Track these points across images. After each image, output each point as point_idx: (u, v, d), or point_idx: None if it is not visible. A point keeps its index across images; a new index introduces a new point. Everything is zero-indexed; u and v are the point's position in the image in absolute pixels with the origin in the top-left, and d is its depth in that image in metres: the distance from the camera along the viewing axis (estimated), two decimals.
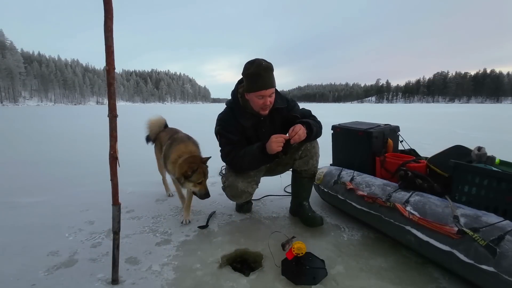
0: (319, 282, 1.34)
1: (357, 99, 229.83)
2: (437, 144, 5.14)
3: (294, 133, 1.63)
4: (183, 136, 2.20)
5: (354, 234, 1.84)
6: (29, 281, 1.37)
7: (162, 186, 2.69)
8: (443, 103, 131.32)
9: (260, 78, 1.68)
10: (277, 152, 1.65)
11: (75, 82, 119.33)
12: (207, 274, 1.43)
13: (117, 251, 1.35)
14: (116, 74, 1.39)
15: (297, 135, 1.62)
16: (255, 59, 1.72)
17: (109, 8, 1.15)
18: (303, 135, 1.65)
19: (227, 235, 1.83)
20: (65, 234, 1.85)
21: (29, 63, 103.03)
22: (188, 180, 1.84)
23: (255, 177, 1.96)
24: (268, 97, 1.73)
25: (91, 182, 3.03)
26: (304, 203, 2.01)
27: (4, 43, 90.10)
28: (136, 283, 1.36)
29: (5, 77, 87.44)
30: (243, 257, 1.64)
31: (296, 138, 1.63)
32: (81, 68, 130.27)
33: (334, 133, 2.40)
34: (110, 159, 1.26)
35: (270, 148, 1.64)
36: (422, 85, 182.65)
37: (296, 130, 1.63)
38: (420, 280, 1.37)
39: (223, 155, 1.88)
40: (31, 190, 2.78)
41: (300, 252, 1.38)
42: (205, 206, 2.33)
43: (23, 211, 2.25)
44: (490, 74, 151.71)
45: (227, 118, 1.88)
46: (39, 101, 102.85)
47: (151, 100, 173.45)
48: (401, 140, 2.30)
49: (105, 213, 1.99)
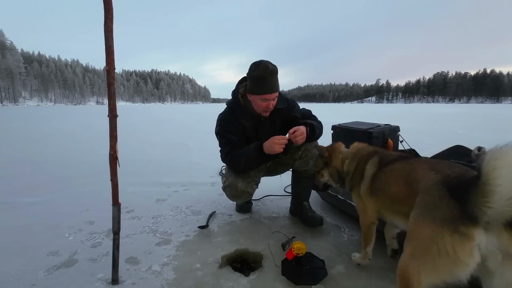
0: (319, 282, 1.34)
1: (357, 99, 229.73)
2: (437, 144, 5.14)
3: (294, 136, 1.64)
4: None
5: (354, 234, 1.83)
6: (29, 281, 1.37)
7: (162, 186, 2.68)
8: (443, 103, 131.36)
9: (265, 81, 1.68)
10: (276, 154, 1.66)
11: (75, 82, 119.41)
12: (207, 274, 1.43)
13: (117, 251, 1.35)
14: (116, 74, 1.39)
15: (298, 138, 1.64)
16: (261, 60, 1.72)
17: (109, 8, 1.15)
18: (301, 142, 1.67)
19: (227, 235, 1.83)
20: (65, 234, 1.85)
21: (29, 63, 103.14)
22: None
23: (255, 177, 1.96)
24: (271, 100, 1.74)
25: (91, 182, 3.03)
26: (304, 203, 2.01)
27: (4, 43, 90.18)
28: (136, 283, 1.36)
29: (5, 77, 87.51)
30: (243, 257, 1.64)
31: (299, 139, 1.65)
32: (81, 68, 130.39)
33: (334, 133, 2.41)
34: (110, 159, 1.26)
35: (272, 149, 1.65)
36: (422, 85, 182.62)
37: (297, 135, 1.64)
38: None
39: (223, 155, 1.88)
40: (31, 190, 2.78)
41: (300, 252, 1.38)
42: (205, 206, 2.33)
43: (23, 211, 2.25)
44: (490, 74, 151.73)
45: (227, 118, 1.88)
46: (39, 101, 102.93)
47: (151, 100, 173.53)
48: (401, 140, 2.31)
49: (105, 213, 1.99)
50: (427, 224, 0.92)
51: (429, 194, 0.97)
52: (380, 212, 1.31)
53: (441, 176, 0.99)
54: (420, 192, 1.01)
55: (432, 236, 0.89)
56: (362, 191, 1.35)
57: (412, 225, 0.99)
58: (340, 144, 1.61)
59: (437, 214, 0.90)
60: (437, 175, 1.00)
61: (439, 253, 0.86)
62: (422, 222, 0.94)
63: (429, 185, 0.99)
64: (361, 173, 1.38)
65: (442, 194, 0.92)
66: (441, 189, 0.94)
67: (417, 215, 0.98)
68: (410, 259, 0.95)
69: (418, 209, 0.98)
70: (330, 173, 1.57)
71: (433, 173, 1.02)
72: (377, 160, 1.35)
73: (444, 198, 0.91)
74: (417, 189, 1.04)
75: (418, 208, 0.99)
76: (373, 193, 1.30)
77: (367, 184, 1.33)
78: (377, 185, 1.28)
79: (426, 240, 0.90)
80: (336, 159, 1.54)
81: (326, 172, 1.59)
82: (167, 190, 2.75)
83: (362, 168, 1.39)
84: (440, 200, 0.92)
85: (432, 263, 0.88)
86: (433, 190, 0.96)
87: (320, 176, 1.63)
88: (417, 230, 0.96)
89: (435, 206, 0.93)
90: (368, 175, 1.34)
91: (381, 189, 1.26)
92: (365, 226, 1.39)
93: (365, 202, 1.35)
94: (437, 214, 0.90)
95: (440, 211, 0.90)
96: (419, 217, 0.97)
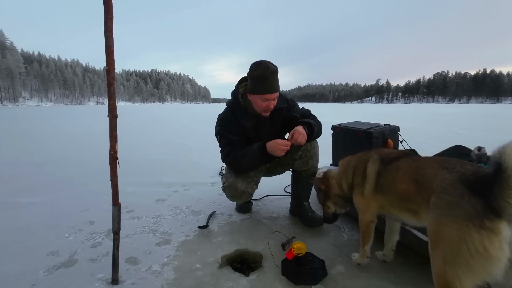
0: (319, 282, 1.34)
1: (357, 99, 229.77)
2: (437, 144, 5.14)
3: (294, 140, 1.66)
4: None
5: (354, 234, 1.83)
6: (29, 281, 1.37)
7: (162, 186, 2.68)
8: (443, 103, 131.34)
9: (266, 81, 1.68)
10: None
11: (75, 82, 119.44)
12: (207, 274, 1.43)
13: (117, 251, 1.35)
14: (116, 74, 1.39)
15: (298, 139, 1.65)
16: (262, 60, 1.72)
17: (109, 8, 1.15)
18: (303, 141, 1.68)
19: (227, 235, 1.83)
20: (65, 234, 1.85)
21: (29, 63, 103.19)
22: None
23: (255, 178, 1.96)
24: (272, 100, 1.74)
25: (91, 182, 3.03)
26: (304, 203, 2.01)
27: (4, 43, 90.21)
28: (136, 283, 1.36)
29: (5, 77, 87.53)
30: (243, 257, 1.64)
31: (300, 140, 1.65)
32: (81, 68, 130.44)
33: (334, 133, 2.40)
34: (110, 159, 1.26)
35: (274, 153, 1.67)
36: (422, 85, 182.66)
37: (296, 136, 1.65)
38: (420, 280, 1.36)
39: (223, 155, 1.88)
40: (31, 190, 2.78)
41: (300, 252, 1.38)
42: (205, 206, 2.33)
43: (23, 211, 2.25)
44: (490, 74, 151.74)
45: (227, 119, 1.88)
46: (39, 101, 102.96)
47: (151, 100, 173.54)
48: (401, 140, 2.31)
49: (105, 213, 1.99)
50: (451, 224, 0.90)
51: (448, 193, 0.95)
52: (386, 209, 1.30)
53: (457, 174, 0.97)
54: (435, 192, 0.99)
55: (459, 236, 0.87)
56: (366, 189, 1.34)
57: (435, 227, 0.97)
58: (329, 171, 1.61)
59: (460, 212, 0.89)
60: (452, 174, 0.99)
61: (470, 252, 0.84)
62: (446, 223, 0.92)
63: (446, 184, 0.97)
64: (363, 174, 1.37)
65: (462, 192, 0.91)
66: (460, 187, 0.93)
67: (438, 215, 0.96)
68: (445, 265, 0.92)
69: (438, 209, 0.97)
70: (334, 202, 1.55)
71: (446, 171, 1.01)
72: (378, 157, 1.34)
73: (465, 196, 0.90)
74: (428, 187, 1.04)
75: (437, 208, 0.97)
76: (379, 190, 1.29)
77: (372, 182, 1.32)
78: (384, 182, 1.27)
79: (454, 241, 0.88)
80: (333, 187, 1.53)
81: (330, 203, 1.57)
82: (167, 190, 2.75)
83: (362, 169, 1.38)
84: (461, 198, 0.90)
85: (467, 264, 0.86)
86: (452, 189, 0.95)
87: (327, 208, 1.60)
88: (442, 231, 0.93)
89: (456, 204, 0.91)
90: (372, 173, 1.33)
91: (388, 186, 1.25)
92: (364, 224, 1.39)
93: (369, 200, 1.34)
94: (460, 213, 0.89)
95: (463, 209, 0.89)
96: (441, 218, 0.94)
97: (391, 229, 1.48)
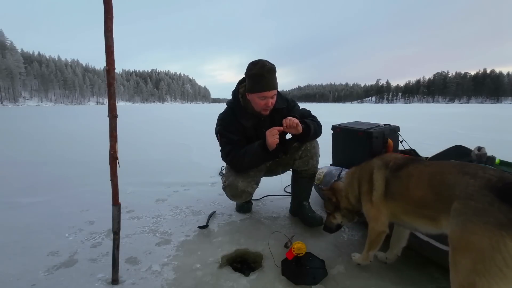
0: (319, 282, 1.34)
1: (357, 99, 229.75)
2: (437, 144, 5.14)
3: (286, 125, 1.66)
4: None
5: (354, 234, 1.83)
6: (29, 281, 1.37)
7: (162, 186, 2.68)
8: (443, 103, 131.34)
9: (263, 79, 1.68)
10: (278, 151, 1.66)
11: (75, 82, 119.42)
12: (207, 274, 1.43)
13: (117, 251, 1.35)
14: (116, 74, 1.39)
15: (290, 121, 1.65)
16: (259, 59, 1.73)
17: (109, 8, 1.15)
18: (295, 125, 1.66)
19: (227, 235, 1.83)
20: (65, 234, 1.85)
21: (29, 63, 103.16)
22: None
23: (255, 177, 1.96)
24: (270, 98, 1.75)
25: (91, 182, 3.03)
26: (304, 203, 2.01)
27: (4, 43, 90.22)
28: (136, 283, 1.36)
29: (5, 77, 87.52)
30: (243, 257, 1.64)
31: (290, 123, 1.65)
32: (81, 68, 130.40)
33: (334, 133, 2.40)
34: (110, 159, 1.26)
35: (270, 144, 1.67)
36: (422, 85, 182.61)
37: (286, 121, 1.66)
38: (420, 280, 1.36)
39: (223, 155, 1.88)
40: (31, 190, 2.78)
41: (300, 252, 1.38)
42: (205, 206, 2.33)
43: (23, 211, 2.25)
44: (490, 74, 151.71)
45: (227, 118, 1.88)
46: (39, 101, 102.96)
47: (151, 100, 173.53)
48: (401, 140, 2.30)
49: (105, 213, 1.99)
50: (482, 232, 0.86)
51: (475, 200, 0.91)
52: (397, 217, 1.26)
53: (482, 180, 0.94)
54: (459, 198, 0.96)
55: (492, 244, 0.83)
56: (375, 197, 1.30)
57: (461, 234, 0.92)
58: (336, 183, 1.59)
59: (490, 220, 0.85)
60: (476, 180, 0.95)
61: (505, 262, 0.82)
62: (475, 230, 0.88)
63: (472, 191, 0.94)
64: (369, 182, 1.34)
65: (491, 199, 0.88)
66: (488, 194, 0.90)
67: (464, 222, 0.92)
68: (474, 274, 0.87)
69: (462, 215, 0.93)
70: (343, 215, 1.53)
71: (469, 177, 0.98)
72: (382, 163, 1.32)
73: (494, 203, 0.87)
74: (450, 194, 1.00)
75: (462, 214, 0.93)
76: (389, 198, 1.26)
77: (380, 189, 1.28)
78: (395, 190, 1.24)
79: (486, 250, 0.84)
80: (342, 199, 1.50)
81: (338, 215, 1.54)
82: (167, 190, 2.75)
83: (368, 178, 1.35)
84: (491, 205, 0.87)
85: (501, 274, 0.83)
86: (479, 196, 0.91)
87: (332, 218, 1.57)
88: (471, 239, 0.88)
89: (485, 212, 0.87)
90: (379, 180, 1.29)
91: (400, 194, 1.22)
92: (375, 233, 1.34)
93: (379, 207, 1.29)
94: (491, 220, 0.85)
95: (493, 217, 0.85)
96: (468, 224, 0.90)
97: (400, 235, 1.45)
